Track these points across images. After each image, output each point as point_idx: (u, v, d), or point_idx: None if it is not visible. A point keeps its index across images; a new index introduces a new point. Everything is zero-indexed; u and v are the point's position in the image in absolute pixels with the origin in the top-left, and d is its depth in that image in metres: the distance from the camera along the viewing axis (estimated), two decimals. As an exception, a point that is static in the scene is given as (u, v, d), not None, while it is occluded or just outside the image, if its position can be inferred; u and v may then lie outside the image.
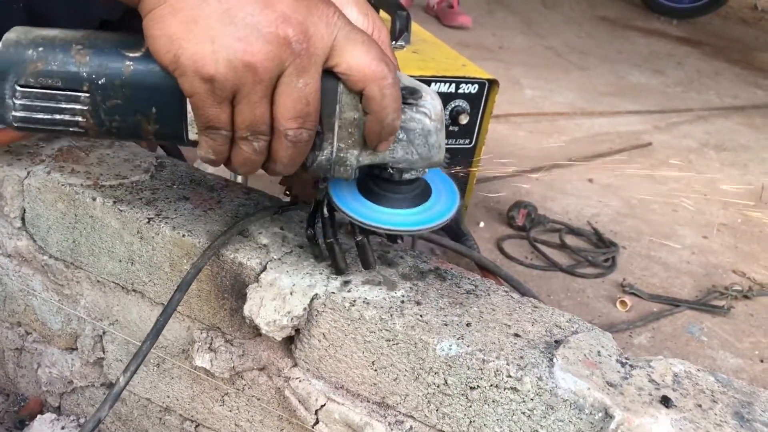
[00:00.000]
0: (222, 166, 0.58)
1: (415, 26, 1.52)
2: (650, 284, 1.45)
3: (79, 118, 0.55)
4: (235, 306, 0.72)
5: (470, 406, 0.63)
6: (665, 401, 0.60)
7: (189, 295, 0.74)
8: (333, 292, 0.67)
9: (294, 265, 0.70)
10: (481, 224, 1.56)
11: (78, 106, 0.54)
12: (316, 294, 0.67)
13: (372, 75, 0.52)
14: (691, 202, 1.90)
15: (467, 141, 1.37)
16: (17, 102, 0.54)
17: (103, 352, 0.84)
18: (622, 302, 1.34)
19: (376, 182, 0.62)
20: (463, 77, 1.31)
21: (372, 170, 0.62)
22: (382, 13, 1.54)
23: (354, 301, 0.66)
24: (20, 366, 0.92)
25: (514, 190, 1.77)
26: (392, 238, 0.73)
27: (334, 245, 0.66)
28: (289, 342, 0.70)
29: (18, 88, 0.54)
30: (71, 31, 0.56)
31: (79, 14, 0.92)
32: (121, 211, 0.74)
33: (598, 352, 0.65)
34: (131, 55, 0.54)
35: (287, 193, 0.75)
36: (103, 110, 0.54)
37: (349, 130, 0.56)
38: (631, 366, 0.64)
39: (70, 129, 0.55)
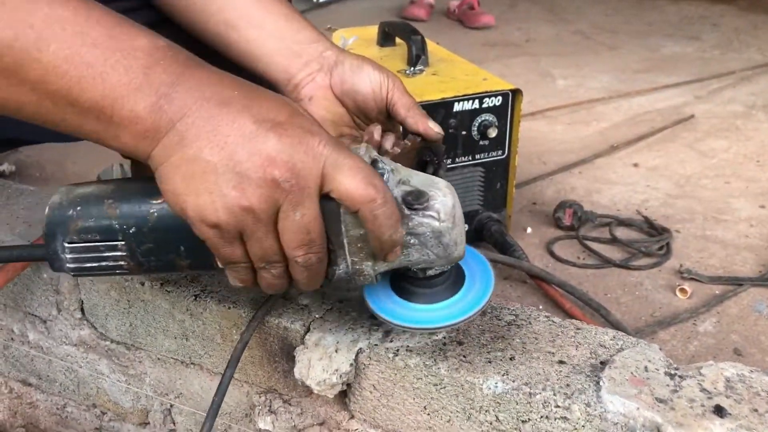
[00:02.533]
0: None
1: (431, 45, 1.53)
2: (709, 266, 1.41)
3: (122, 263, 0.61)
4: (287, 368, 0.74)
5: (525, 439, 0.64)
6: (718, 411, 0.59)
7: (243, 363, 0.77)
8: (376, 344, 0.68)
9: (336, 322, 0.72)
10: (529, 230, 1.56)
11: (118, 253, 0.60)
12: (360, 348, 0.69)
13: (360, 199, 0.54)
14: (743, 170, 1.84)
15: (500, 152, 1.37)
16: (68, 256, 0.61)
17: (174, 424, 0.88)
18: (682, 290, 1.31)
19: (407, 280, 0.64)
20: (486, 92, 1.31)
21: (399, 269, 0.63)
22: (397, 39, 1.56)
23: (397, 350, 0.68)
24: (102, 443, 0.97)
25: (558, 189, 1.76)
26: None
27: None
28: (343, 395, 0.73)
29: (66, 245, 0.60)
30: (104, 186, 0.62)
31: None
32: (169, 291, 0.78)
33: (645, 367, 0.65)
34: (155, 202, 0.59)
35: None
36: (140, 253, 0.60)
37: (358, 245, 0.58)
38: (680, 377, 0.63)
39: (117, 271, 0.62)
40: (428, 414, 0.68)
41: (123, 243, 0.60)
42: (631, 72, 2.69)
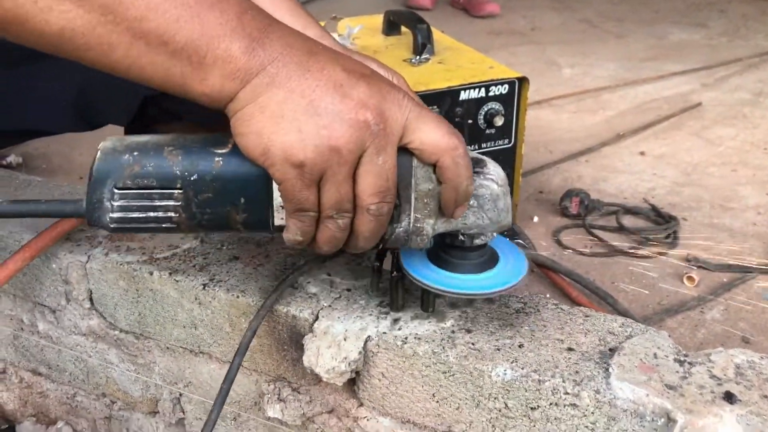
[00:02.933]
0: None
1: (437, 34, 1.52)
2: (717, 254, 1.41)
3: (172, 214, 0.60)
4: (295, 356, 0.75)
5: (534, 426, 0.64)
6: (728, 397, 0.59)
7: (252, 351, 0.77)
8: (384, 333, 0.69)
9: (344, 310, 0.72)
10: (535, 219, 1.55)
11: (171, 203, 0.59)
12: (369, 336, 0.69)
13: (445, 147, 0.57)
14: (751, 158, 1.84)
15: (506, 141, 1.37)
16: (115, 204, 0.59)
17: (183, 413, 0.88)
18: (690, 278, 1.31)
19: (446, 251, 0.65)
20: (492, 80, 1.30)
21: (443, 240, 0.65)
22: (403, 28, 1.55)
23: (405, 338, 0.68)
24: (112, 432, 0.98)
25: (564, 177, 1.76)
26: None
27: (399, 282, 0.69)
28: (352, 383, 0.73)
29: (116, 190, 0.59)
30: (160, 136, 0.62)
31: (123, 96, 0.98)
32: (177, 281, 0.78)
33: (654, 354, 0.65)
34: (219, 151, 0.59)
35: None
36: (195, 204, 0.60)
37: (425, 201, 0.60)
38: (690, 363, 0.63)
39: (163, 225, 0.60)
40: (437, 401, 0.68)
41: (180, 191, 0.59)
42: (637, 60, 2.67)
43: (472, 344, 0.66)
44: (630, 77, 2.46)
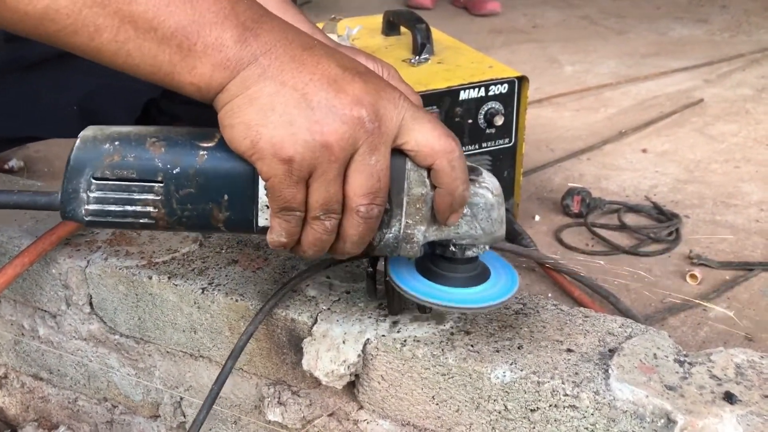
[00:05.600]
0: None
1: (436, 34, 1.52)
2: (719, 251, 1.40)
3: (151, 209, 0.57)
4: (295, 359, 0.74)
5: (534, 428, 0.64)
6: (728, 397, 0.59)
7: (251, 354, 0.77)
8: (383, 335, 0.68)
9: (343, 313, 0.72)
10: (537, 218, 1.55)
11: (151, 196, 0.57)
12: (368, 339, 0.69)
13: (441, 149, 0.55)
14: (753, 154, 1.83)
15: (507, 140, 1.36)
16: (92, 195, 0.57)
17: (184, 416, 0.88)
18: (692, 275, 1.30)
19: (436, 263, 0.63)
20: (492, 79, 1.30)
21: (433, 250, 0.63)
22: (402, 28, 1.55)
23: (404, 341, 0.68)
24: (114, 436, 0.98)
25: (566, 176, 1.75)
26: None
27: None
28: (352, 386, 0.73)
29: (93, 180, 0.56)
30: (144, 126, 0.59)
31: (126, 100, 0.98)
32: (176, 285, 0.78)
33: (654, 354, 0.64)
34: (204, 145, 0.57)
35: None
36: (176, 199, 0.57)
37: (417, 206, 0.58)
38: (690, 364, 0.63)
39: (141, 221, 0.58)
40: (437, 404, 0.68)
41: (161, 185, 0.56)
42: (639, 57, 2.67)
43: (471, 346, 0.66)
44: (632, 74, 2.46)
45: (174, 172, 0.56)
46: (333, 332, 0.70)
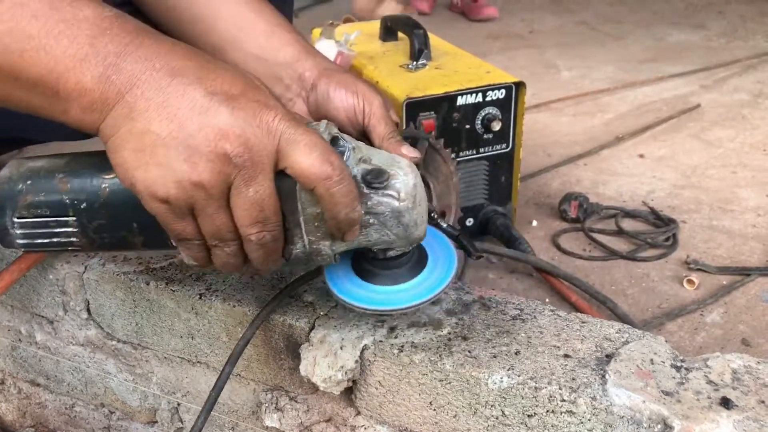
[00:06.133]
0: None
1: (434, 39, 1.52)
2: (716, 256, 1.40)
3: (74, 239, 0.60)
4: (292, 365, 0.74)
5: (531, 434, 0.64)
6: (725, 403, 0.59)
7: (249, 360, 0.77)
8: (381, 341, 0.68)
9: (341, 318, 0.72)
10: (534, 223, 1.55)
11: (69, 229, 0.59)
12: (366, 345, 0.69)
13: (316, 176, 0.53)
14: (750, 159, 1.83)
15: (504, 146, 1.36)
16: (17, 232, 0.60)
17: (181, 422, 0.88)
18: (689, 281, 1.30)
19: (368, 261, 0.63)
20: (489, 85, 1.30)
21: (361, 249, 0.62)
22: (400, 33, 1.55)
23: (402, 346, 0.68)
24: (111, 442, 0.98)
25: (563, 181, 1.75)
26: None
27: None
28: (349, 392, 0.73)
29: (15, 220, 0.60)
30: (56, 158, 0.61)
31: None
32: (174, 291, 0.78)
33: (651, 360, 0.64)
34: (107, 177, 0.58)
35: None
36: (91, 230, 0.59)
37: (315, 224, 0.57)
38: (686, 369, 0.63)
39: (69, 248, 0.61)
40: (434, 409, 0.68)
41: (74, 219, 0.58)
42: (636, 62, 2.67)
43: (469, 352, 0.66)
44: (629, 79, 2.46)
45: (82, 207, 0.58)
46: (330, 338, 0.70)
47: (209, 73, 0.53)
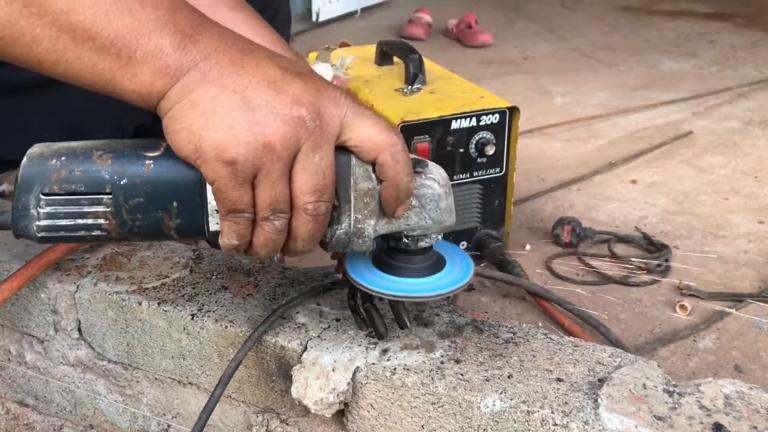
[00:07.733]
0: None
1: (429, 64, 1.54)
2: (709, 282, 1.41)
3: (102, 221, 0.58)
4: (284, 387, 0.74)
5: (523, 458, 0.64)
6: (717, 428, 0.59)
7: (240, 382, 0.77)
8: (373, 363, 0.68)
9: (333, 340, 0.72)
10: (528, 247, 1.55)
11: (101, 209, 0.57)
12: (358, 367, 0.68)
13: (383, 143, 0.57)
14: (741, 186, 1.85)
15: (498, 170, 1.37)
16: (41, 211, 0.57)
17: (171, 445, 0.87)
18: (682, 306, 1.31)
19: (391, 255, 0.65)
20: (483, 109, 1.32)
21: (387, 243, 0.65)
22: (395, 58, 1.57)
23: (394, 369, 0.67)
24: (100, 464, 0.97)
25: (556, 205, 1.76)
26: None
27: (371, 309, 0.68)
28: (341, 414, 0.72)
29: (42, 197, 0.57)
30: (92, 141, 0.60)
31: (115, 127, 0.98)
32: (166, 311, 0.78)
33: (644, 384, 0.64)
34: (150, 154, 0.58)
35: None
36: (126, 209, 0.58)
37: (365, 200, 0.59)
38: (679, 394, 0.63)
39: (93, 233, 0.58)
40: (426, 433, 0.67)
41: (110, 196, 0.57)
42: (628, 89, 2.70)
43: (461, 375, 0.66)
44: (621, 106, 2.48)
45: (121, 182, 0.57)
46: (323, 360, 0.69)
47: (277, 55, 0.57)
